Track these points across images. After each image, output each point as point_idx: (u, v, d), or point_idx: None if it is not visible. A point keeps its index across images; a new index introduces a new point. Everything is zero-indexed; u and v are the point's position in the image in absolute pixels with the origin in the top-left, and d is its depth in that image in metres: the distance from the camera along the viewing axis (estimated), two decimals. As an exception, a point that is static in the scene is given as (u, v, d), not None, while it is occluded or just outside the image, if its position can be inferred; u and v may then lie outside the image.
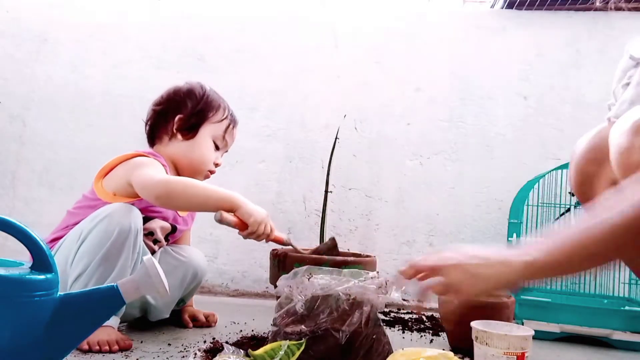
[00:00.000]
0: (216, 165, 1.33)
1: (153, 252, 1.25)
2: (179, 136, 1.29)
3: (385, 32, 2.05)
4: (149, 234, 1.24)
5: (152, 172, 1.13)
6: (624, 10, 1.38)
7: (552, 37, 2.00)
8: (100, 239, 1.06)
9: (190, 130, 1.29)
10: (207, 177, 1.34)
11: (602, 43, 1.95)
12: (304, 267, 0.96)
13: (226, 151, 1.38)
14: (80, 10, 2.08)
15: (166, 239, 1.30)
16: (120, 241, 1.07)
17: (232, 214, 1.11)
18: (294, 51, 2.05)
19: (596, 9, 1.91)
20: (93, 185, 1.19)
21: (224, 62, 2.04)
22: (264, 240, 1.17)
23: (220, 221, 1.09)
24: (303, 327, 0.88)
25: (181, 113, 1.29)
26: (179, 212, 1.29)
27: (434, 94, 2.02)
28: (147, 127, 1.33)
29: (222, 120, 1.32)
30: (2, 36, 2.06)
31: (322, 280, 0.91)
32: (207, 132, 1.30)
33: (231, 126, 1.34)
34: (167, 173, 1.20)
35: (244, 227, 1.12)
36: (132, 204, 1.12)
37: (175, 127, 1.29)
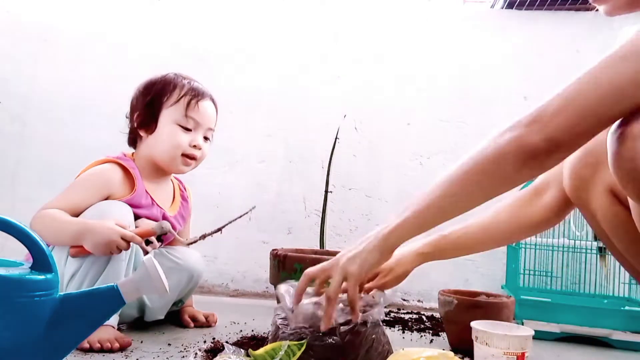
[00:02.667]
0: (195, 147, 1.25)
1: (146, 253, 1.25)
2: (142, 133, 1.26)
3: (385, 32, 2.05)
4: None
5: (53, 201, 1.13)
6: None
7: (552, 37, 2.00)
8: None
9: (148, 123, 1.25)
10: (187, 163, 1.26)
11: (602, 43, 1.94)
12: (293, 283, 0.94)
13: (210, 129, 1.29)
14: (80, 10, 2.08)
15: (159, 239, 1.29)
16: None
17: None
18: (294, 51, 2.05)
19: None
20: None
21: (224, 62, 2.04)
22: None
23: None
24: (303, 327, 0.88)
25: (137, 110, 1.26)
26: (167, 212, 1.29)
27: (434, 94, 2.02)
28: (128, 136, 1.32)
29: (179, 99, 1.23)
30: (2, 36, 2.06)
31: (309, 307, 0.88)
32: (167, 119, 1.23)
33: (194, 101, 1.24)
34: (136, 176, 1.21)
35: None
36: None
37: (135, 126, 1.26)
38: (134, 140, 1.30)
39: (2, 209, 1.95)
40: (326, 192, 1.74)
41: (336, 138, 1.76)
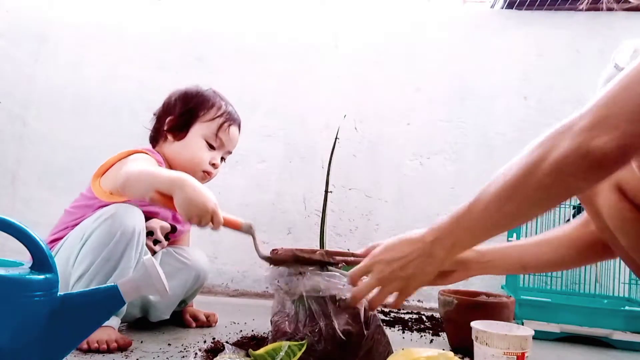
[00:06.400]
0: (213, 165, 1.29)
1: (154, 253, 1.25)
2: (170, 137, 1.28)
3: (385, 32, 2.05)
4: (149, 234, 1.24)
5: (132, 165, 1.09)
6: (615, 10, 1.40)
7: (552, 37, 2.00)
8: (103, 239, 1.06)
9: (180, 130, 1.27)
10: (204, 177, 1.29)
11: (602, 43, 1.94)
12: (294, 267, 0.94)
13: (229, 152, 1.35)
14: (80, 10, 2.08)
15: (166, 238, 1.30)
16: (123, 242, 1.07)
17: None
18: (294, 51, 2.05)
19: (588, 9, 1.91)
20: (90, 183, 1.19)
21: (224, 62, 2.04)
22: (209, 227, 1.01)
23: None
24: (303, 327, 0.88)
25: (172, 114, 1.29)
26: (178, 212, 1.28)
27: (434, 94, 2.02)
28: (150, 133, 1.34)
29: (215, 118, 1.28)
30: (2, 36, 2.06)
31: (311, 281, 0.90)
32: (198, 132, 1.27)
33: (226, 124, 1.29)
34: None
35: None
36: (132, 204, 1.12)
37: (165, 128, 1.28)
38: (156, 139, 1.31)
39: (2, 209, 1.96)
40: (326, 192, 1.74)
41: (336, 138, 1.76)
